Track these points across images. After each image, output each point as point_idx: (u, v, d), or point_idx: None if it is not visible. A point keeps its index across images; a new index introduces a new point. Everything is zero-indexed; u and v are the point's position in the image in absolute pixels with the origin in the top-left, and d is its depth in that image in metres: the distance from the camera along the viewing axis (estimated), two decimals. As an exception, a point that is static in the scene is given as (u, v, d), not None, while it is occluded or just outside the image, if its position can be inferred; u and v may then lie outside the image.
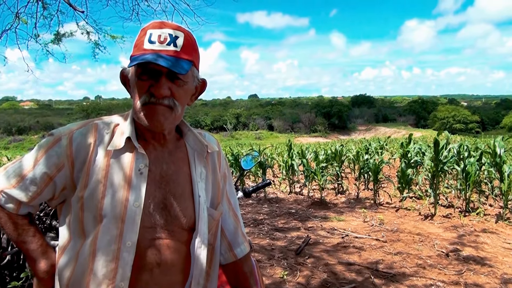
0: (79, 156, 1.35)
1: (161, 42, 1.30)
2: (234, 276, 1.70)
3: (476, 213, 7.26)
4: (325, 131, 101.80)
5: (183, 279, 1.46)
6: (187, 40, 1.35)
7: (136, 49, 1.34)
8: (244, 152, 15.20)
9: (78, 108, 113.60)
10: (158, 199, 1.39)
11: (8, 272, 3.31)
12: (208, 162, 1.56)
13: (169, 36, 1.31)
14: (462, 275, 4.73)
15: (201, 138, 1.54)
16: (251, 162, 2.94)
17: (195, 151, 1.53)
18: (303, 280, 4.70)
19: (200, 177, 1.50)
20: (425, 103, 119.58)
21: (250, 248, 1.74)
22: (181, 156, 1.50)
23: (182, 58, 1.32)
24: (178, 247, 1.43)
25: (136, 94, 1.36)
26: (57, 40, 8.94)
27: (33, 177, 1.37)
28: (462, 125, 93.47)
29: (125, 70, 1.42)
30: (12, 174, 1.39)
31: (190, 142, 1.54)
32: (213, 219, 1.53)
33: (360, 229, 6.84)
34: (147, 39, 1.31)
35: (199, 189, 1.48)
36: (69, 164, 1.35)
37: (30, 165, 1.38)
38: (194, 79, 1.43)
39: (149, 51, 1.29)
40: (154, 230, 1.38)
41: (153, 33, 1.32)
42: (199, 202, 1.46)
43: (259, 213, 8.40)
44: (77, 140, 1.37)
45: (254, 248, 5.58)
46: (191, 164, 1.50)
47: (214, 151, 1.58)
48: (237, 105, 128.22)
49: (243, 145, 35.50)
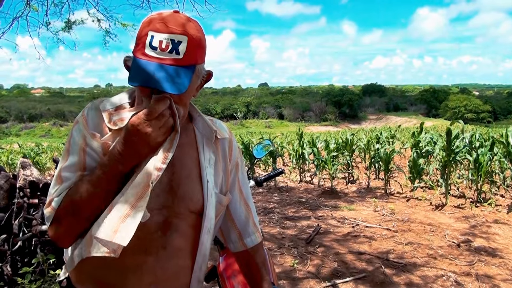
0: (96, 129, 1.35)
1: (162, 50, 1.24)
2: (246, 265, 1.69)
3: (488, 203, 7.21)
4: (335, 120, 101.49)
5: (191, 265, 1.46)
6: (191, 42, 1.28)
7: (137, 48, 1.28)
8: (254, 140, 15.20)
9: (89, 96, 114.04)
10: (164, 180, 1.37)
11: (19, 258, 3.35)
12: (218, 148, 1.54)
13: (171, 43, 1.25)
14: (473, 266, 4.72)
15: (210, 123, 1.52)
16: (262, 151, 2.92)
17: (204, 136, 1.51)
18: (313, 269, 4.70)
19: (209, 162, 1.49)
20: (436, 92, 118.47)
21: (262, 237, 1.73)
22: (188, 140, 1.48)
23: (183, 66, 1.27)
24: (186, 230, 1.42)
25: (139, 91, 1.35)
26: (67, 28, 8.95)
27: (71, 162, 1.35)
28: (473, 114, 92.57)
29: (128, 60, 1.38)
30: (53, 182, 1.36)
31: (199, 127, 1.52)
32: (221, 205, 1.52)
33: (371, 218, 6.82)
34: (148, 43, 1.25)
35: (207, 174, 1.46)
36: (91, 135, 1.34)
37: (65, 156, 1.37)
38: (199, 77, 1.39)
39: (149, 58, 1.24)
40: (160, 212, 1.37)
41: (155, 36, 1.25)
42: (208, 187, 1.45)
43: (269, 202, 8.41)
44: (89, 115, 1.38)
45: (264, 237, 5.59)
46: (199, 149, 1.49)
47: (224, 137, 1.56)
48: (247, 94, 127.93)
49: (253, 134, 35.55)
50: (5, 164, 15.98)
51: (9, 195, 3.43)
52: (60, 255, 3.10)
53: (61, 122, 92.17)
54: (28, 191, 3.52)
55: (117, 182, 1.28)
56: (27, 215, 3.40)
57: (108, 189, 1.28)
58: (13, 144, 31.14)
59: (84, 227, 1.32)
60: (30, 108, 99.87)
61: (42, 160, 18.05)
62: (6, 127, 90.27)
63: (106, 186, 1.27)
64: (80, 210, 1.28)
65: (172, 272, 1.42)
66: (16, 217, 3.35)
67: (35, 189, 3.57)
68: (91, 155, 1.34)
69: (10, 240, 3.27)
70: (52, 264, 3.20)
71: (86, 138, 1.34)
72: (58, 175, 1.35)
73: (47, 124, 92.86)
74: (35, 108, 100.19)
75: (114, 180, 1.28)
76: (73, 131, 1.38)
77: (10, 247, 3.23)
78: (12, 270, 3.20)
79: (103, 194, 1.28)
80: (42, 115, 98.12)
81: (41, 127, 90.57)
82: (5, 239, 3.26)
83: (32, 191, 3.55)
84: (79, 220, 1.30)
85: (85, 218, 1.29)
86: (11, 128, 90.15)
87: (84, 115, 1.38)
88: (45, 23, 8.48)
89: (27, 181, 3.53)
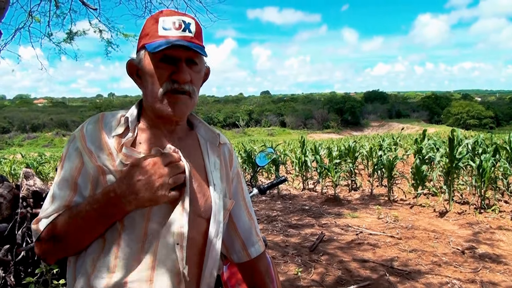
0: (94, 145, 1.33)
1: (176, 29, 1.29)
2: (249, 274, 1.69)
3: (492, 209, 7.18)
4: (338, 127, 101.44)
5: (198, 272, 1.44)
6: (197, 26, 1.35)
7: (148, 37, 1.31)
8: (257, 148, 15.18)
9: (92, 106, 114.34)
10: None
11: (23, 268, 3.34)
12: (220, 153, 1.55)
13: (183, 23, 1.31)
14: (478, 273, 4.69)
15: (212, 128, 1.54)
16: (265, 159, 2.91)
17: (207, 141, 1.52)
18: (318, 277, 4.69)
19: (214, 166, 1.49)
20: (438, 99, 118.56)
21: (265, 246, 1.72)
22: (192, 144, 1.49)
23: (197, 44, 1.32)
24: (195, 236, 1.39)
25: (153, 83, 1.33)
26: (69, 39, 8.97)
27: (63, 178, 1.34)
28: (476, 120, 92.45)
29: (133, 60, 1.40)
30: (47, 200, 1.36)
31: (202, 133, 1.53)
32: (226, 209, 1.51)
33: (374, 226, 6.80)
34: (161, 26, 1.30)
35: (213, 178, 1.46)
36: (88, 154, 1.32)
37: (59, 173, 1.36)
38: (204, 65, 1.43)
39: (166, 37, 1.28)
40: None
41: (166, 20, 1.30)
42: (215, 190, 1.45)
43: (272, 210, 8.40)
44: (89, 131, 1.35)
45: (268, 245, 5.58)
46: (204, 154, 1.49)
47: (225, 143, 1.58)
48: (249, 102, 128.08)
49: (255, 142, 35.54)
50: (8, 174, 16.01)
51: (12, 205, 3.43)
52: (63, 265, 3.09)
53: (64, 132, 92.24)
54: (31, 201, 3.52)
55: (106, 224, 1.28)
56: (30, 225, 3.40)
57: (96, 227, 1.28)
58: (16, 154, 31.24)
59: (67, 254, 1.34)
60: (32, 118, 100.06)
61: (45, 170, 18.04)
62: (9, 137, 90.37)
63: (94, 224, 1.27)
64: (63, 240, 1.29)
65: None
66: (19, 227, 3.35)
67: (38, 199, 3.56)
68: (84, 175, 1.32)
69: (13, 250, 3.27)
70: (56, 274, 3.19)
71: (82, 156, 1.33)
72: (51, 192, 1.36)
73: (49, 134, 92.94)
74: (38, 118, 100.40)
75: (103, 220, 1.27)
76: (69, 147, 1.37)
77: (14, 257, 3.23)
78: (15, 280, 3.19)
79: (90, 230, 1.28)
80: (45, 125, 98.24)
81: (44, 137, 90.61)
82: (9, 249, 3.26)
83: (35, 201, 3.55)
84: (62, 247, 1.31)
85: (69, 247, 1.31)
86: (14, 138, 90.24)
87: (82, 132, 1.36)
88: (47, 34, 8.50)
89: (30, 191, 3.53)
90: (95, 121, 1.39)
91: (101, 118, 1.40)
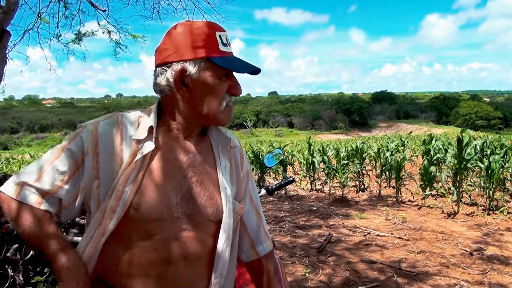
0: (104, 145, 1.35)
1: (229, 45, 1.42)
2: (257, 274, 1.69)
3: (500, 211, 7.15)
4: (345, 128, 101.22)
5: (207, 271, 1.46)
6: None
7: (211, 49, 1.36)
8: (264, 149, 15.17)
9: (100, 106, 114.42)
10: (184, 189, 1.40)
11: (32, 267, 3.36)
12: (231, 156, 1.56)
13: (229, 39, 1.43)
14: (486, 275, 4.67)
15: (224, 132, 1.57)
16: (273, 160, 2.91)
17: (218, 144, 1.54)
18: (325, 278, 4.68)
19: (225, 169, 1.51)
20: (446, 99, 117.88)
21: (273, 246, 1.73)
22: (206, 148, 1.51)
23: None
24: (205, 239, 1.43)
25: (215, 95, 1.40)
26: (78, 40, 9.00)
27: (59, 164, 1.35)
28: (484, 121, 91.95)
29: (187, 68, 1.37)
30: (36, 167, 1.37)
31: (214, 136, 1.55)
32: (237, 213, 1.52)
33: (382, 227, 6.79)
34: (220, 42, 1.38)
35: (225, 181, 1.48)
36: (94, 151, 1.34)
37: (55, 155, 1.37)
38: None
39: (227, 54, 1.39)
40: (180, 221, 1.38)
41: (221, 36, 1.39)
42: (226, 194, 1.47)
43: (280, 211, 8.40)
44: (103, 128, 1.37)
45: (276, 245, 5.58)
46: (215, 157, 1.51)
47: (236, 146, 1.59)
48: (256, 102, 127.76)
49: (263, 142, 35.53)
50: (17, 174, 16.07)
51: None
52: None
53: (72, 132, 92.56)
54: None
55: None
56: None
57: None
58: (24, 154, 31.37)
59: None
60: (41, 118, 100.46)
61: (54, 170, 18.10)
62: (18, 137, 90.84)
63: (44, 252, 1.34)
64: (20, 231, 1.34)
65: (189, 279, 1.42)
66: (28, 227, 3.36)
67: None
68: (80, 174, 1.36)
69: (22, 249, 3.28)
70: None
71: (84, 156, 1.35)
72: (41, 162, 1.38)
73: (58, 134, 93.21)
74: (46, 118, 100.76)
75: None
76: (78, 135, 1.38)
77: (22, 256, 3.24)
78: (24, 279, 3.21)
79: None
80: (53, 125, 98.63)
81: (52, 137, 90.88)
82: (17, 248, 3.27)
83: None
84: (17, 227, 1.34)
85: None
86: (23, 138, 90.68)
87: (97, 129, 1.38)
88: (56, 35, 8.54)
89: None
90: (113, 123, 1.41)
91: (120, 122, 1.41)
